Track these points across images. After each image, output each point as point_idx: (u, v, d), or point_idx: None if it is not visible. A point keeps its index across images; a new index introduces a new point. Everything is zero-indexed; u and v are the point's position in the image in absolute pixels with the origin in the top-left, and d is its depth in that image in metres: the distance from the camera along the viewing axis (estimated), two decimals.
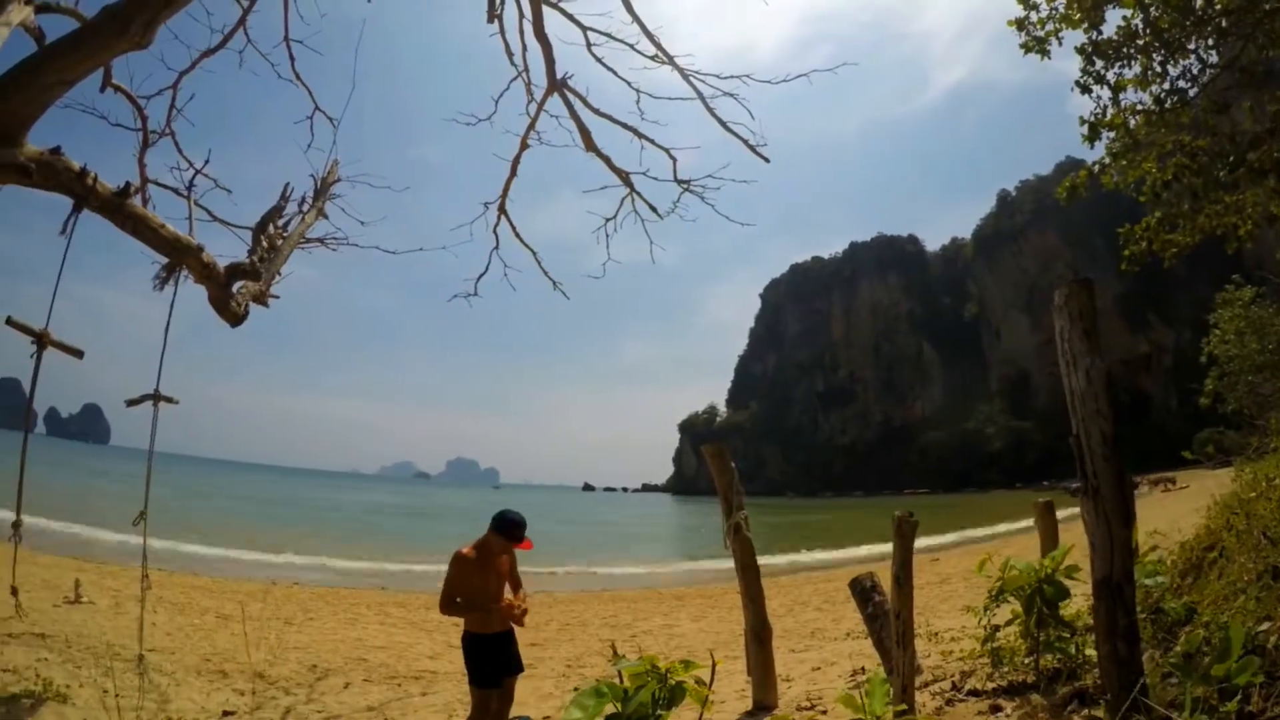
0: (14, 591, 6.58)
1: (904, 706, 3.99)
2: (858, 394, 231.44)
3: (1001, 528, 39.18)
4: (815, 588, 18.63)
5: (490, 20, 10.20)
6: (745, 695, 6.90)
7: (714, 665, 2.43)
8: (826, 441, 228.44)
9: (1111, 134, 8.70)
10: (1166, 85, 8.49)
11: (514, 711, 7.96)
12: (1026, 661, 4.94)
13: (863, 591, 6.33)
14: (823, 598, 16.20)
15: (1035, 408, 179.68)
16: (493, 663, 5.92)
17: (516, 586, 6.22)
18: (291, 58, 10.84)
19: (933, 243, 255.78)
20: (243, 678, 8.87)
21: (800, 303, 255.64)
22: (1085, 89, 8.53)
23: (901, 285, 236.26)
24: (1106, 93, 8.50)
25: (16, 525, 6.37)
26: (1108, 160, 8.98)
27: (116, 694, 7.31)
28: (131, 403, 6.87)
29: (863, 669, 7.42)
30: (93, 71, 6.18)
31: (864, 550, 32.66)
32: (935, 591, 14.75)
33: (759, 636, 6.69)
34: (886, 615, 5.58)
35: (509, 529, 5.79)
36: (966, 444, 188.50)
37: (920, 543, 8.65)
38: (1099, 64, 8.39)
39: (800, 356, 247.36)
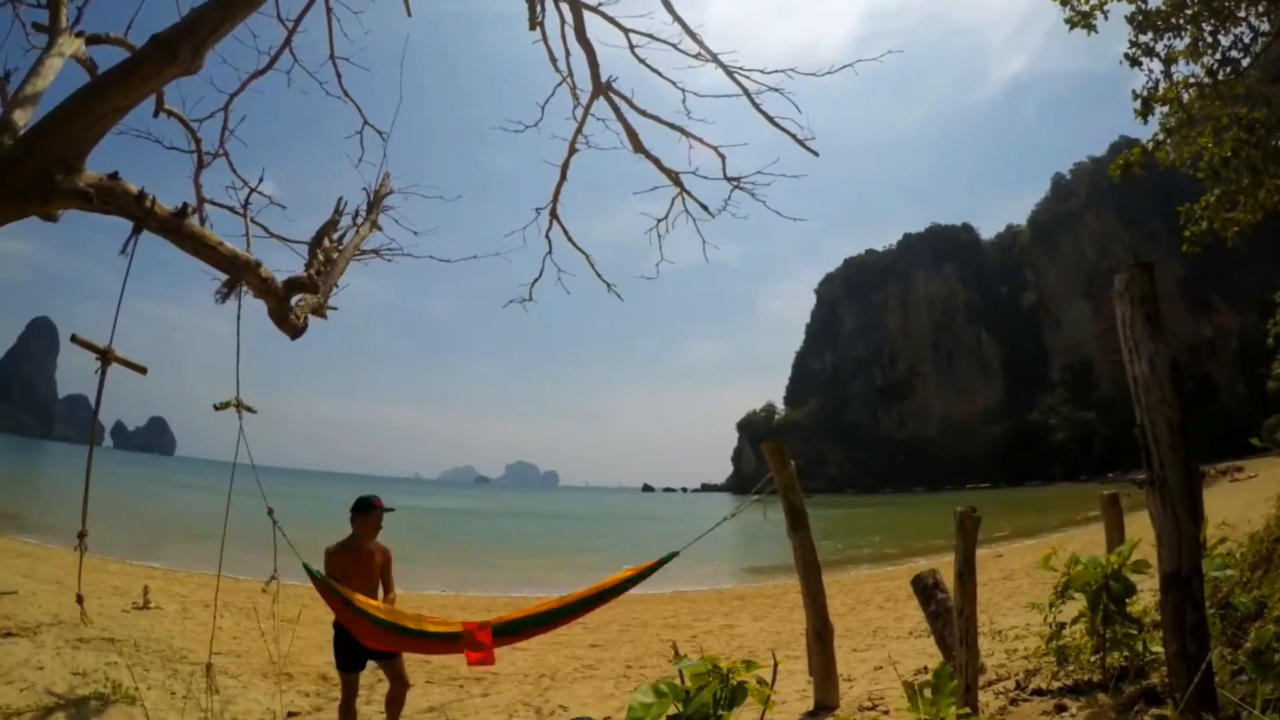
0: (79, 599, 6.79)
1: (967, 709, 3.90)
2: (917, 388, 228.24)
3: (1066, 521, 38.26)
4: (877, 586, 18.40)
5: (532, 27, 10.24)
6: (807, 695, 6.84)
7: (775, 665, 2.40)
8: (886, 437, 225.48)
9: (1165, 109, 8.44)
10: (1218, 56, 8.22)
11: (575, 711, 8.03)
12: (1092, 660, 4.81)
13: (925, 589, 6.24)
14: (884, 596, 16.00)
15: (1099, 397, 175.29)
16: (354, 648, 6.30)
17: (388, 587, 6.67)
18: (338, 75, 11.09)
19: (987, 231, 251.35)
20: (307, 680, 9.06)
21: (856, 297, 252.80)
22: (1135, 62, 8.28)
23: (957, 275, 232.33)
24: (1157, 66, 8.26)
25: (82, 535, 6.56)
26: (1162, 136, 8.73)
27: (184, 696, 7.51)
28: (219, 407, 7.04)
29: (925, 668, 7.31)
30: (145, 98, 6.35)
31: (926, 547, 32.12)
32: (999, 588, 14.46)
33: (820, 636, 6.60)
34: (949, 613, 5.49)
35: (361, 507, 6.53)
36: (1029, 436, 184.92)
37: (983, 538, 8.52)
38: (1148, 35, 8.15)
39: (857, 351, 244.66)
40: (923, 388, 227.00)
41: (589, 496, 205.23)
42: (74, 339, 6.35)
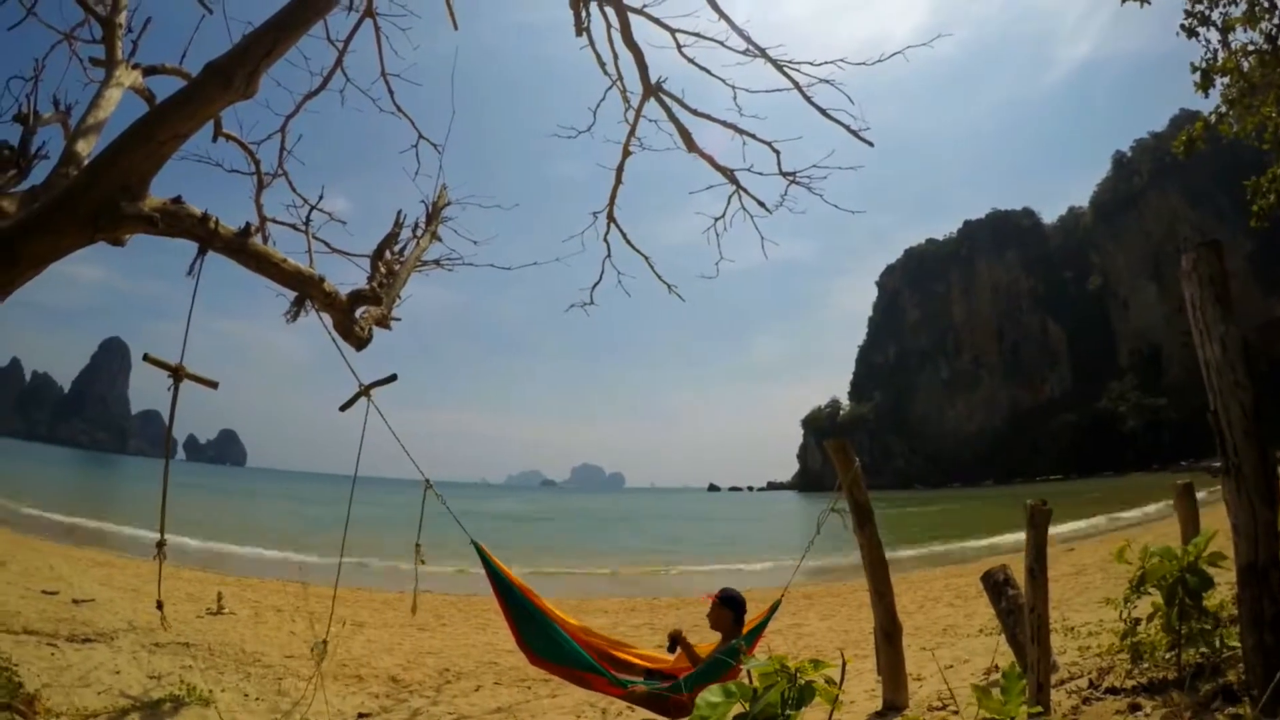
0: (159, 605, 7.02)
1: (1039, 708, 3.82)
2: (983, 378, 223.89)
3: (1139, 513, 37.26)
4: (946, 583, 18.08)
5: (579, 33, 10.30)
6: (875, 695, 6.77)
7: (843, 664, 2.37)
8: (953, 430, 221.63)
9: (1225, 80, 8.15)
10: (1277, 20, 7.90)
11: (643, 713, 8.03)
12: (1168, 657, 4.66)
13: (995, 585, 6.13)
14: (954, 593, 15.72)
15: (1169, 383, 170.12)
16: None
17: None
18: (390, 91, 11.33)
19: (1049, 215, 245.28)
20: (377, 682, 9.23)
21: (917, 288, 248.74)
22: (1191, 32, 8.03)
23: (1020, 261, 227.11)
24: (1215, 35, 7.98)
25: (160, 544, 6.79)
26: (1224, 108, 8.44)
27: (256, 697, 7.71)
28: (344, 406, 7.26)
29: (996, 667, 7.18)
30: (203, 124, 6.51)
31: (996, 542, 31.49)
32: (1071, 583, 14.09)
33: (888, 634, 6.53)
34: (1020, 610, 5.39)
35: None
36: (1099, 425, 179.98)
37: (1054, 531, 8.34)
38: (1203, 3, 7.87)
39: (921, 343, 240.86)
40: (988, 378, 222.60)
41: (655, 498, 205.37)
42: (146, 358, 6.56)
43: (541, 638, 6.25)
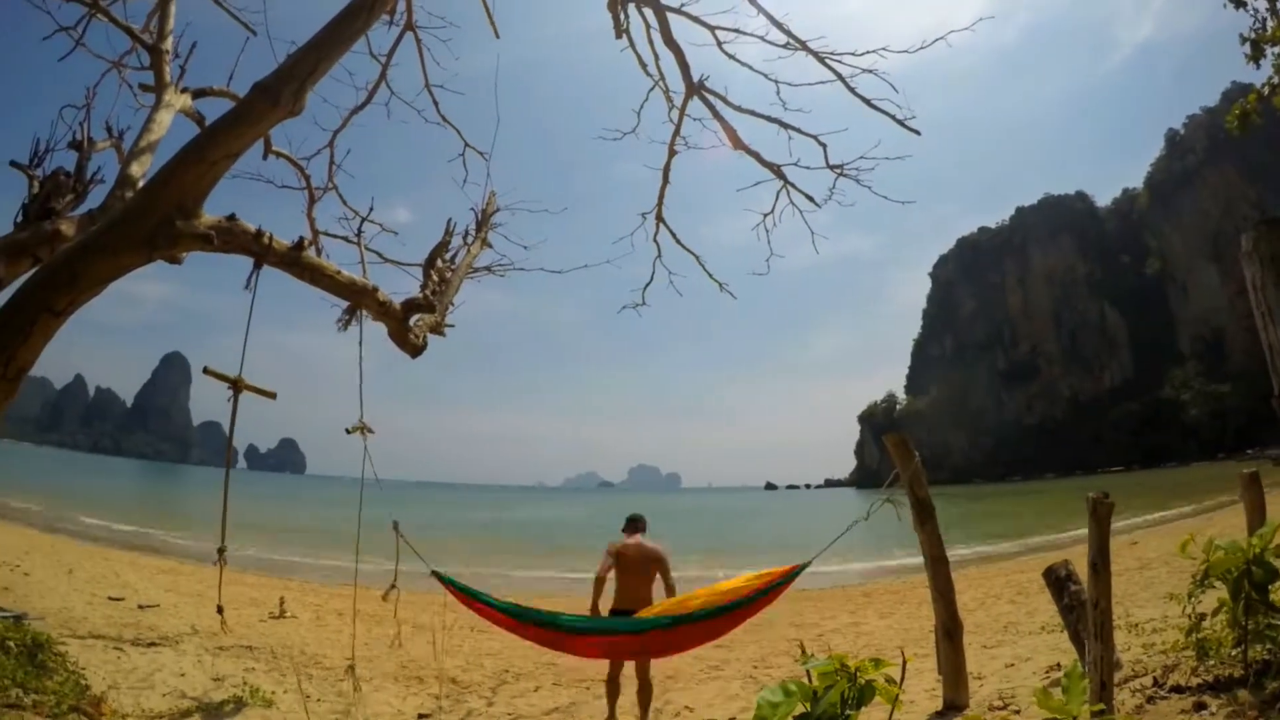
0: (219, 610, 7.22)
1: (1102, 706, 3.73)
2: (1041, 368, 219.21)
3: (1204, 504, 36.09)
4: (1007, 579, 17.76)
5: (618, 36, 10.34)
6: (936, 694, 6.69)
7: (904, 663, 2.35)
8: (1012, 421, 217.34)
9: (1276, 50, 7.88)
10: None
11: (701, 713, 8.06)
12: (1234, 653, 4.52)
13: (1057, 581, 6.03)
14: (1015, 589, 15.43)
15: (1232, 368, 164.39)
16: None
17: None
18: (435, 102, 11.51)
19: (1104, 197, 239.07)
20: (437, 683, 9.32)
21: (971, 278, 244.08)
22: (1239, 3, 7.75)
23: (1075, 247, 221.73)
24: (1263, 3, 7.71)
25: (221, 551, 6.99)
26: (1277, 80, 8.14)
27: (317, 699, 7.86)
28: (350, 431, 7.41)
29: (1058, 665, 7.05)
30: (253, 143, 6.67)
31: (1057, 537, 30.87)
32: (1135, 578, 13.76)
33: (949, 633, 6.44)
34: (1083, 606, 5.28)
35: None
36: (1161, 414, 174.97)
37: (1117, 525, 8.14)
38: None
39: (977, 334, 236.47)
40: (1047, 368, 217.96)
41: (711, 497, 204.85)
42: (206, 371, 6.74)
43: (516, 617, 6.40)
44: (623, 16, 10.20)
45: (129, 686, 7.12)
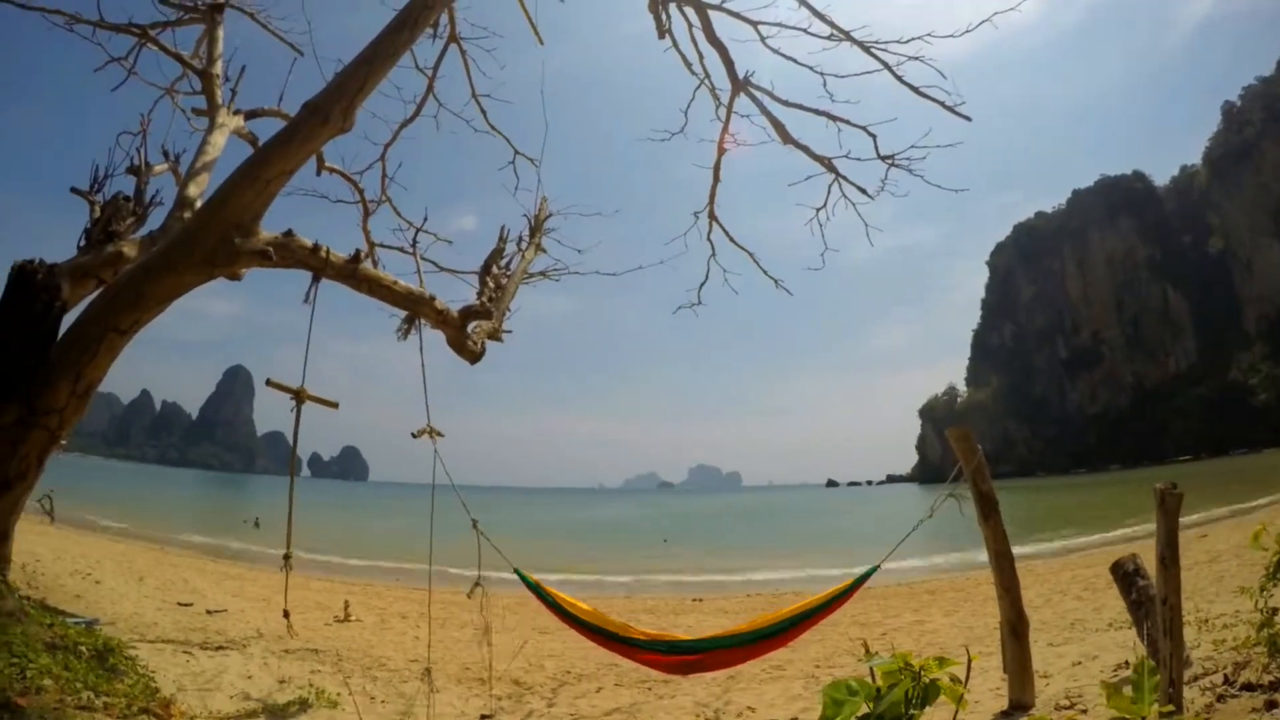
0: (285, 614, 7.40)
1: (1171, 707, 3.64)
2: (1104, 356, 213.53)
3: (1277, 493, 34.84)
4: (1074, 574, 17.39)
5: (661, 36, 10.34)
6: (1001, 694, 6.58)
7: (969, 662, 2.31)
8: (1076, 411, 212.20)
9: None
10: None
11: (763, 713, 8.02)
12: None
13: (1125, 576, 5.92)
14: (1082, 585, 15.10)
15: None
16: None
17: None
18: (483, 112, 11.66)
19: (1160, 176, 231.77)
20: (500, 684, 9.43)
21: (1030, 264, 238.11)
22: None
23: (1135, 229, 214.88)
24: None
25: (287, 557, 7.17)
26: None
27: (382, 700, 7.98)
28: (416, 434, 7.53)
29: (1126, 663, 6.89)
30: (306, 160, 6.83)
31: (1125, 530, 30.09)
32: (1205, 572, 13.35)
33: (1015, 630, 6.33)
34: (1151, 601, 5.18)
35: None
36: (1229, 399, 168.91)
37: (1186, 517, 7.92)
38: None
39: (1037, 322, 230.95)
40: (1109, 355, 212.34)
41: (773, 495, 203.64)
42: (269, 383, 6.91)
43: (592, 629, 6.52)
44: (664, 17, 10.21)
45: (197, 689, 7.32)
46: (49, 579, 12.27)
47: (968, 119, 9.57)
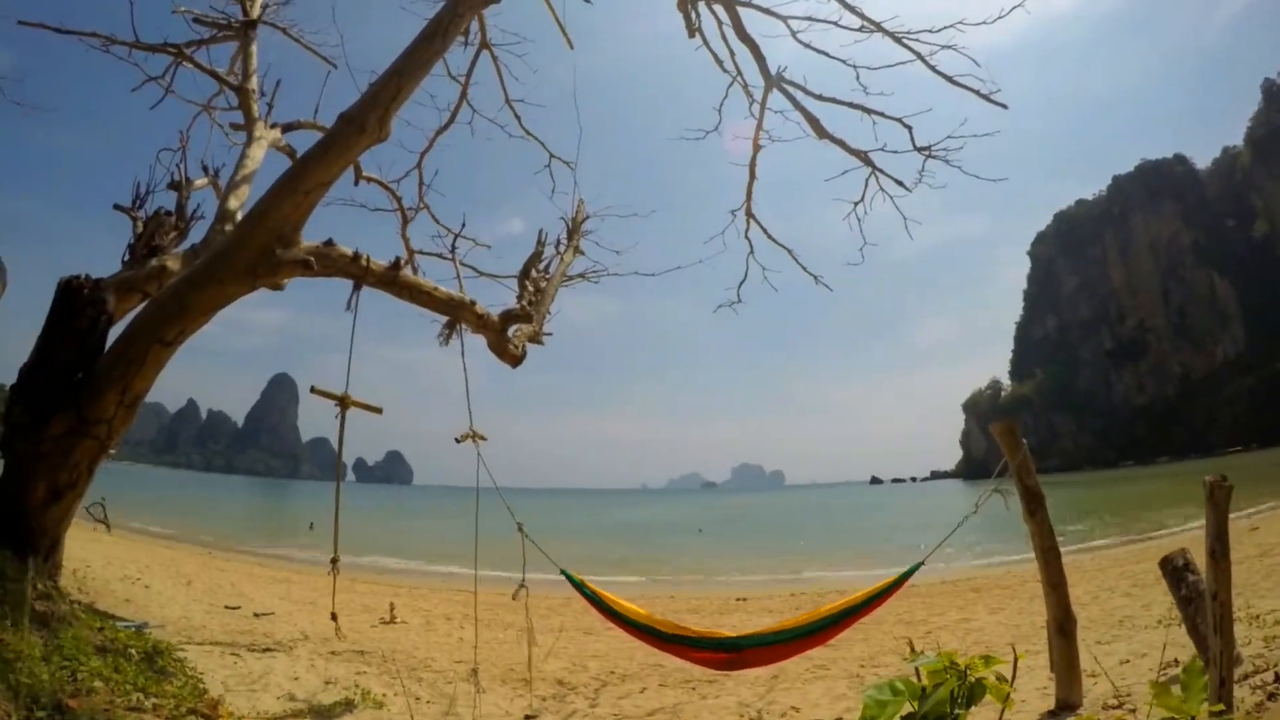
0: (333, 616, 7.52)
1: (1221, 706, 3.55)
2: (1150, 345, 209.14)
3: None
4: (1122, 570, 17.03)
5: (691, 35, 10.34)
6: (1048, 693, 6.49)
7: (1015, 660, 2.29)
8: (1122, 403, 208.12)
9: None
10: None
11: (808, 713, 7.98)
12: None
13: (1174, 571, 5.81)
14: (1131, 581, 14.78)
15: None
16: None
17: None
18: (517, 116, 11.75)
19: (1202, 159, 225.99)
20: (544, 685, 9.47)
21: (1071, 254, 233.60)
22: None
23: (1178, 213, 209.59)
24: None
25: (334, 560, 7.28)
26: None
27: (427, 701, 8.05)
28: (460, 439, 7.63)
29: (1176, 661, 6.77)
30: (344, 171, 6.94)
31: (1174, 524, 29.47)
32: (1256, 566, 12.99)
33: (1062, 628, 6.24)
34: (1201, 597, 5.10)
35: None
36: (1279, 388, 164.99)
37: (1236, 510, 7.76)
38: None
39: (1081, 313, 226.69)
40: (1155, 345, 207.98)
41: (816, 494, 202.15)
42: (314, 390, 7.03)
43: (637, 627, 6.61)
44: (694, 15, 10.22)
45: (245, 690, 7.43)
46: (99, 584, 12.52)
47: (1004, 106, 9.48)
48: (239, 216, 8.96)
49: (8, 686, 3.84)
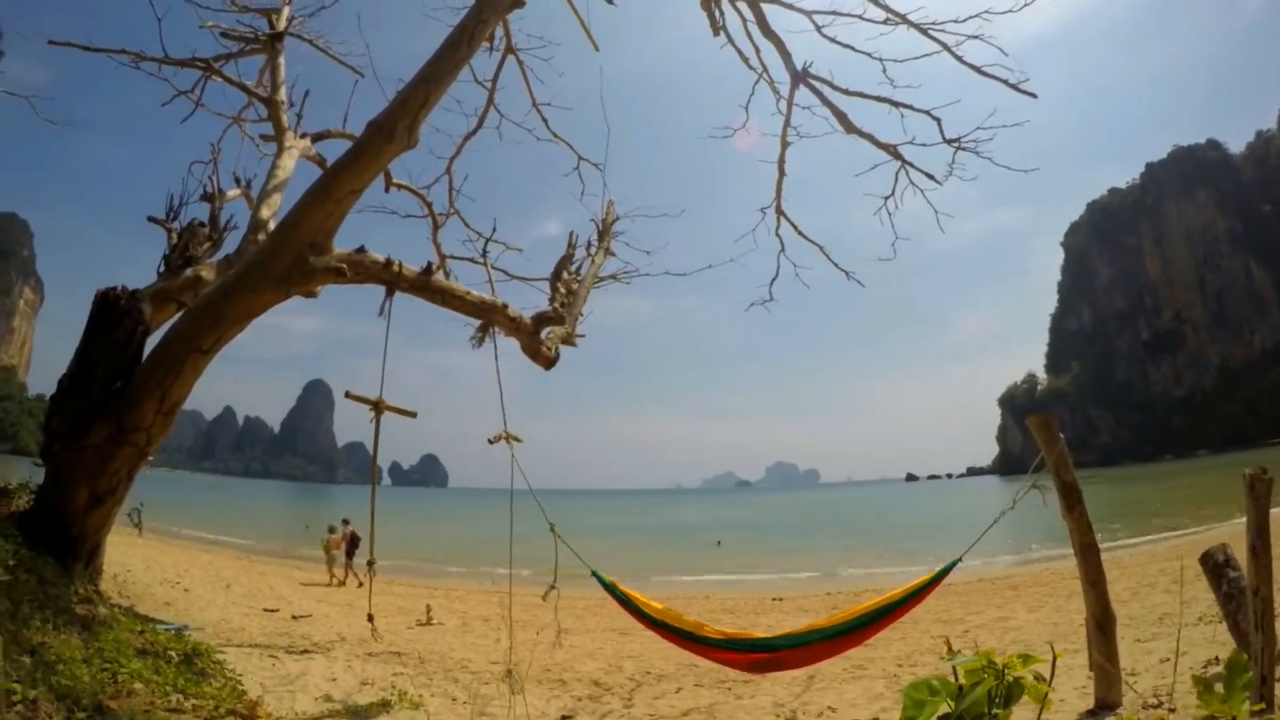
0: (370, 618, 7.59)
1: (1262, 704, 3.49)
2: (1186, 336, 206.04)
3: None
4: (1161, 566, 16.77)
5: (715, 33, 10.32)
6: (1087, 692, 6.43)
7: (1054, 659, 2.25)
8: (1160, 395, 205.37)
9: None
10: None
11: (844, 713, 7.94)
12: None
13: (1215, 567, 5.73)
14: (1170, 578, 14.54)
15: None
16: None
17: None
18: (544, 120, 11.79)
19: (1236, 143, 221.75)
20: (580, 685, 9.51)
21: (1106, 243, 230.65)
22: None
23: (1213, 200, 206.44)
24: None
25: (371, 563, 7.37)
26: None
27: (463, 701, 8.11)
28: (493, 440, 7.67)
29: (1216, 659, 6.66)
30: (374, 178, 7.02)
31: (1214, 519, 28.96)
32: None
33: (1101, 626, 6.15)
34: (1243, 593, 5.01)
35: None
36: None
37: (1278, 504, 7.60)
38: None
39: (1116, 304, 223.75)
40: (1193, 335, 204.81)
41: (851, 491, 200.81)
42: (348, 395, 7.10)
43: (670, 630, 6.56)
44: (718, 14, 10.19)
45: (282, 690, 7.55)
46: (139, 588, 12.74)
47: (1033, 95, 9.37)
48: (271, 226, 9.08)
49: (50, 688, 3.92)
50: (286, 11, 11.89)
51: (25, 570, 5.43)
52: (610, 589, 6.76)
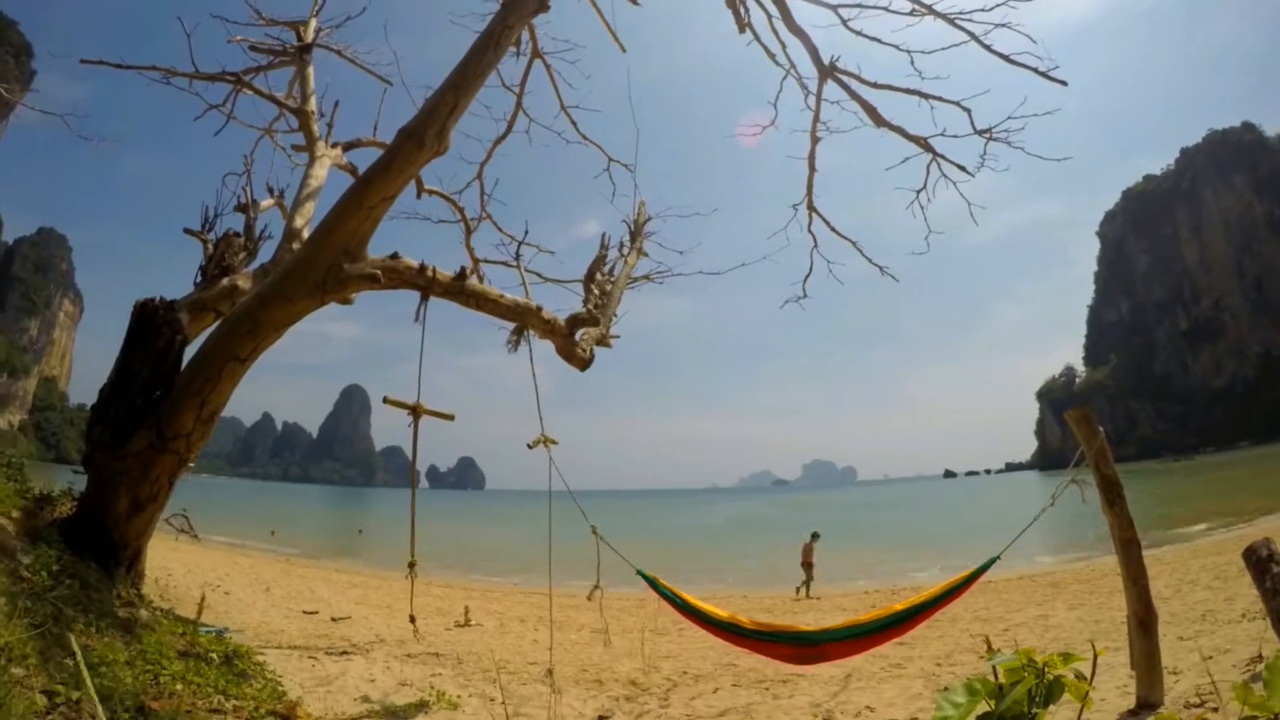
0: (412, 619, 7.68)
1: None
2: (1227, 325, 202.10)
3: None
4: (1203, 562, 16.45)
5: (741, 30, 10.31)
6: (1128, 691, 6.32)
7: (1095, 657, 2.24)
8: (1200, 386, 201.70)
9: None
10: None
11: (882, 713, 7.90)
12: None
13: (1259, 562, 5.62)
14: (1213, 574, 14.28)
15: None
16: None
17: None
18: (573, 123, 11.89)
19: (1271, 126, 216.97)
20: (617, 685, 9.51)
21: (1142, 232, 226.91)
22: None
23: (1250, 185, 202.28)
24: None
25: (411, 565, 7.45)
26: None
27: (501, 702, 8.15)
28: (532, 445, 7.74)
29: (1260, 656, 6.53)
30: (406, 185, 7.10)
31: (1258, 513, 28.48)
32: None
33: (1143, 623, 6.06)
34: None
35: None
36: None
37: None
38: None
39: (1155, 294, 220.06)
40: (1233, 323, 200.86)
41: (889, 489, 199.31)
42: (386, 400, 7.20)
43: (714, 624, 6.60)
44: (743, 11, 10.18)
45: (321, 691, 7.64)
46: (180, 591, 12.92)
47: (1063, 83, 9.26)
48: (305, 234, 9.21)
49: (93, 690, 4.02)
50: (314, 23, 12.08)
51: (69, 575, 5.56)
52: (655, 586, 6.82)
